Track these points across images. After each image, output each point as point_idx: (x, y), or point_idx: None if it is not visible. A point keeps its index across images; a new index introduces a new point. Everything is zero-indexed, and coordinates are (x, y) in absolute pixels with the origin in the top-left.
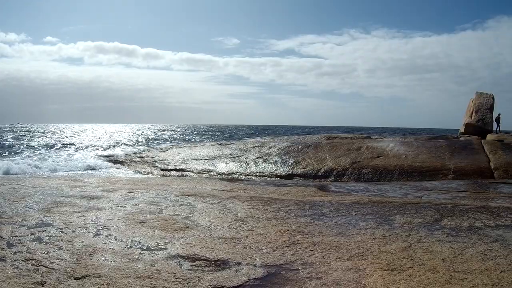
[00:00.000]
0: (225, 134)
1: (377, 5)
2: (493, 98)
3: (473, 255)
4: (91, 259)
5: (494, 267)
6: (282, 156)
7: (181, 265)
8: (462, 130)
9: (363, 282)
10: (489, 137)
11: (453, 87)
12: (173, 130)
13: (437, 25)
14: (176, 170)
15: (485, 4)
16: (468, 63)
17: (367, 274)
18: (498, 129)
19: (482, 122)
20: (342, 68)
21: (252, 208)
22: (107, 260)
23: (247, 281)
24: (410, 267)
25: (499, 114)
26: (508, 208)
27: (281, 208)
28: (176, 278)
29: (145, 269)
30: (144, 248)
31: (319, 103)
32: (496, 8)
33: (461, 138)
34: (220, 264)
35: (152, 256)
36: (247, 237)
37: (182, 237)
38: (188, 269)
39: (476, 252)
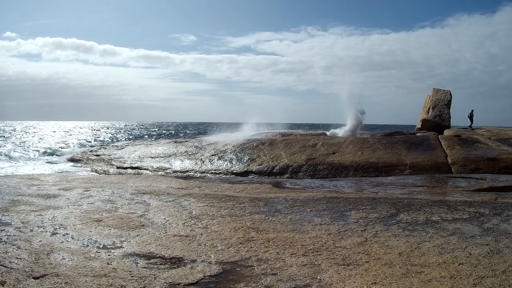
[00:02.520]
0: (181, 132)
1: (335, 3)
2: (451, 95)
3: (430, 249)
4: (49, 258)
5: (452, 260)
6: (237, 154)
7: (137, 263)
8: (419, 126)
9: (318, 277)
10: (446, 132)
11: (411, 83)
12: (130, 128)
13: (396, 22)
14: (132, 168)
15: (444, 3)
16: (426, 60)
17: (323, 270)
18: (471, 125)
19: (439, 118)
20: (298, 65)
21: (207, 205)
22: (64, 259)
23: (202, 278)
24: (366, 262)
25: (472, 110)
26: (466, 202)
27: (236, 205)
28: (132, 276)
29: (102, 268)
30: (101, 246)
31: (275, 100)
32: (455, 6)
33: (417, 134)
34: (176, 262)
35: (109, 255)
36: (201, 234)
37: (137, 235)
38: (144, 267)
39: (433, 245)
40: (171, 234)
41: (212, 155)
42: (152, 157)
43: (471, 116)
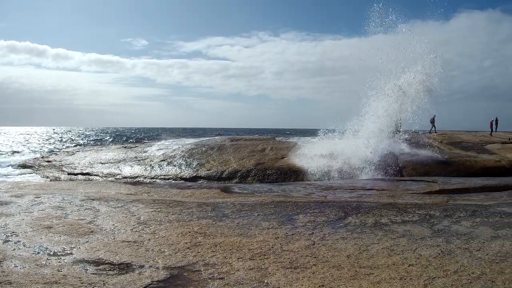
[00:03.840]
0: (131, 137)
1: (287, 8)
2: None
3: (379, 251)
4: (1, 266)
5: (401, 261)
6: (186, 159)
7: (87, 269)
8: None
9: (265, 281)
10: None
11: (362, 88)
12: (81, 133)
13: (348, 28)
14: (82, 174)
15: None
16: (378, 65)
17: (270, 273)
18: (433, 129)
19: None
20: (249, 70)
21: (155, 211)
22: (16, 266)
23: (150, 284)
24: (314, 265)
25: (434, 116)
26: (416, 205)
27: (184, 210)
28: (82, 283)
29: (53, 275)
30: (51, 253)
31: (226, 105)
32: (409, 13)
33: None
34: (124, 268)
35: (59, 262)
36: (149, 240)
37: (87, 242)
38: (93, 273)
39: (382, 247)
40: (119, 240)
41: (161, 160)
42: (102, 163)
43: (433, 121)
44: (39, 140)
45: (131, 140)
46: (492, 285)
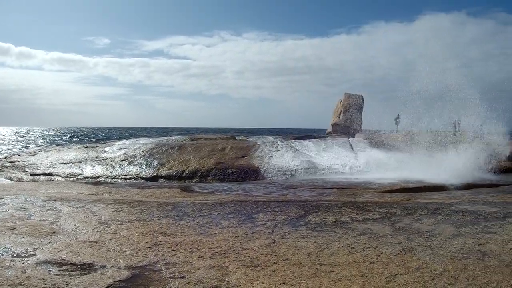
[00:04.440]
0: (93, 137)
1: (249, 8)
2: (363, 99)
3: (339, 249)
4: None
5: (362, 259)
6: (147, 158)
7: (50, 270)
8: (330, 130)
9: (226, 279)
10: (358, 136)
11: (324, 88)
12: (44, 133)
13: (311, 29)
14: (44, 174)
15: (361, 10)
16: (340, 65)
17: (230, 271)
18: (397, 128)
19: (350, 122)
20: (210, 69)
21: (116, 211)
22: None
23: (112, 284)
24: (274, 263)
25: (399, 115)
26: (377, 203)
27: (144, 210)
28: (46, 284)
29: (17, 276)
30: (15, 255)
31: (187, 104)
32: (373, 14)
33: (328, 138)
34: (86, 268)
35: (23, 263)
36: (111, 239)
37: (49, 243)
38: (57, 274)
39: (342, 245)
40: (81, 240)
41: (122, 160)
42: (64, 163)
43: (397, 120)
44: (2, 141)
45: (92, 140)
46: (455, 281)
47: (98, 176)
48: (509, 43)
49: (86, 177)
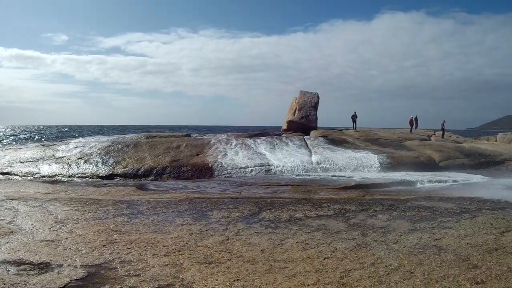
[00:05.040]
0: (50, 135)
1: (207, 5)
2: (318, 97)
3: (293, 245)
4: None
5: (316, 254)
6: (103, 156)
7: (8, 270)
8: (285, 127)
9: (181, 276)
10: (313, 133)
11: (280, 86)
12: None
13: (268, 26)
14: (2, 173)
15: (319, 9)
16: (297, 63)
17: (185, 269)
18: (354, 126)
19: (305, 119)
20: (166, 66)
21: (72, 209)
22: None
23: (69, 282)
24: (228, 260)
25: (355, 112)
26: (332, 199)
27: (100, 208)
28: (4, 284)
29: None
30: None
31: (143, 101)
32: (330, 12)
33: (283, 135)
34: (44, 267)
35: None
36: (67, 238)
37: (7, 242)
38: (15, 274)
39: (296, 241)
40: (38, 240)
41: (79, 158)
42: (22, 162)
43: (354, 117)
44: None
45: (49, 138)
46: (411, 276)
47: (55, 175)
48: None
49: (43, 176)
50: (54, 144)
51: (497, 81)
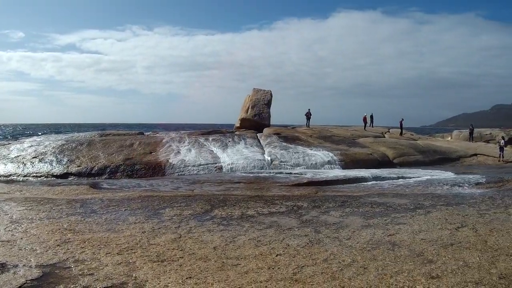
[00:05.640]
0: (5, 134)
1: (162, 2)
2: (271, 94)
3: (245, 242)
4: None
5: (269, 251)
6: (57, 155)
7: None
8: (238, 125)
9: (134, 274)
10: (266, 131)
11: (233, 83)
12: None
13: (223, 24)
14: None
15: (274, 7)
16: (250, 61)
17: (137, 267)
18: (308, 123)
19: (258, 117)
20: (121, 64)
21: (27, 209)
22: None
23: (25, 283)
24: (181, 257)
25: (309, 109)
26: (284, 196)
27: (54, 208)
28: None
29: None
30: None
31: (97, 99)
32: (286, 10)
33: (236, 133)
34: None
35: None
36: (22, 238)
37: None
38: None
39: (249, 238)
40: None
41: (33, 157)
42: None
43: (308, 115)
44: None
45: (3, 137)
46: (364, 271)
47: (10, 174)
48: (424, 41)
49: None
50: (9, 143)
51: (453, 79)
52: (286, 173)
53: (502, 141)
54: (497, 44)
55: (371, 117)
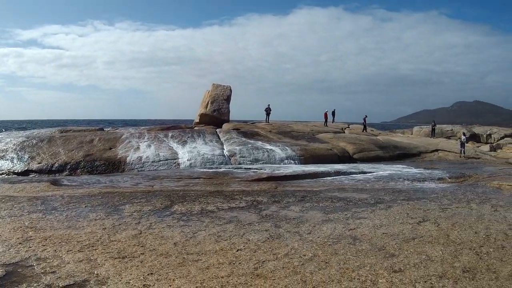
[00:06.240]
0: None
1: None
2: (230, 90)
3: (206, 237)
4: None
5: (229, 246)
6: (18, 152)
7: None
8: (197, 120)
9: (95, 272)
10: (225, 126)
11: (193, 79)
12: None
13: (183, 19)
14: None
15: (236, 2)
16: (211, 56)
17: (99, 264)
18: (267, 119)
19: (218, 112)
20: (81, 60)
21: None
22: None
23: None
24: (142, 254)
25: (269, 105)
26: (244, 191)
27: (15, 205)
28: None
29: None
30: None
31: (58, 95)
32: (247, 6)
33: (195, 128)
34: None
35: None
36: None
37: None
38: None
39: (209, 234)
40: None
41: None
42: None
43: (267, 110)
44: None
45: None
46: (326, 266)
47: None
48: (385, 38)
49: None
50: None
51: (414, 76)
52: (245, 168)
53: (463, 137)
54: (460, 42)
55: (333, 113)
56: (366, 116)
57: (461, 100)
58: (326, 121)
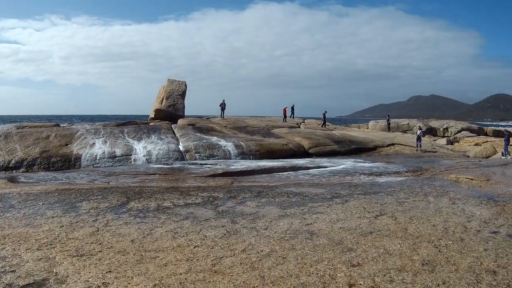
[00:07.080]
0: None
1: None
2: (186, 85)
3: (163, 234)
4: None
5: (186, 243)
6: None
7: None
8: (152, 116)
9: (54, 270)
10: (181, 121)
11: (148, 74)
12: None
13: (140, 14)
14: None
15: None
16: (166, 51)
17: (58, 262)
18: (222, 114)
19: (173, 108)
20: (38, 54)
21: None
22: None
23: None
24: (99, 251)
25: (224, 100)
26: (199, 187)
27: None
28: None
29: None
30: None
31: (15, 91)
32: (203, 1)
33: (151, 124)
34: None
35: None
36: None
37: None
38: None
39: (166, 230)
40: None
41: None
42: None
43: (222, 106)
44: None
45: None
46: (284, 261)
47: None
48: (342, 33)
49: None
50: None
51: (369, 71)
52: (201, 164)
53: (420, 131)
54: (416, 37)
55: (292, 108)
56: (326, 111)
57: (418, 95)
58: (285, 116)
